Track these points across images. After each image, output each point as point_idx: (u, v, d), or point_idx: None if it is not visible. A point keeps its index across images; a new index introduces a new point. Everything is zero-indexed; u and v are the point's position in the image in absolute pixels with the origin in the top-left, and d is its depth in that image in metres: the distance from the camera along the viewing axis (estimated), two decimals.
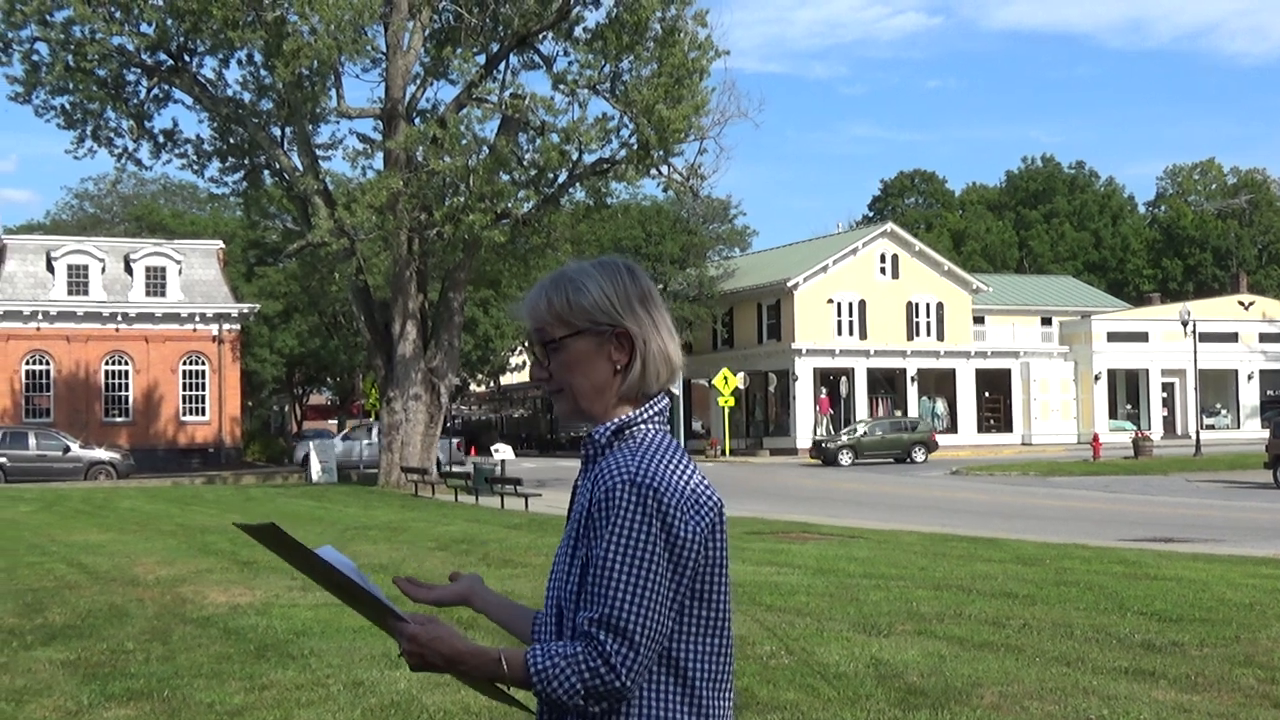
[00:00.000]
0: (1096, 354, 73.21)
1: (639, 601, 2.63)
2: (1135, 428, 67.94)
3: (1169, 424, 74.76)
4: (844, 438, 58.67)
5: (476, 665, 2.70)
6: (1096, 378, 73.12)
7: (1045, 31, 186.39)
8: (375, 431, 53.31)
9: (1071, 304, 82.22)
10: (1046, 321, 79.06)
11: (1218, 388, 76.28)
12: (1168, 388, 75.57)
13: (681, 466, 2.79)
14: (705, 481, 2.83)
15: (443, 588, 3.14)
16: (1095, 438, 57.39)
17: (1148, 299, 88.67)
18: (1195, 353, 62.85)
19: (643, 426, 2.86)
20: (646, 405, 2.89)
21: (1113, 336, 74.03)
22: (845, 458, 56.35)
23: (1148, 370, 74.73)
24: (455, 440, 57.76)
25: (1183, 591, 14.83)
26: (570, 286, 2.90)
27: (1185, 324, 61.68)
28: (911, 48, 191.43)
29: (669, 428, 2.93)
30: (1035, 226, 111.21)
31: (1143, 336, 74.36)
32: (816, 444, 59.31)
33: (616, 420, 2.87)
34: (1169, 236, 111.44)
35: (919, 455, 57.22)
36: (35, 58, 40.96)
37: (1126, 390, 76.32)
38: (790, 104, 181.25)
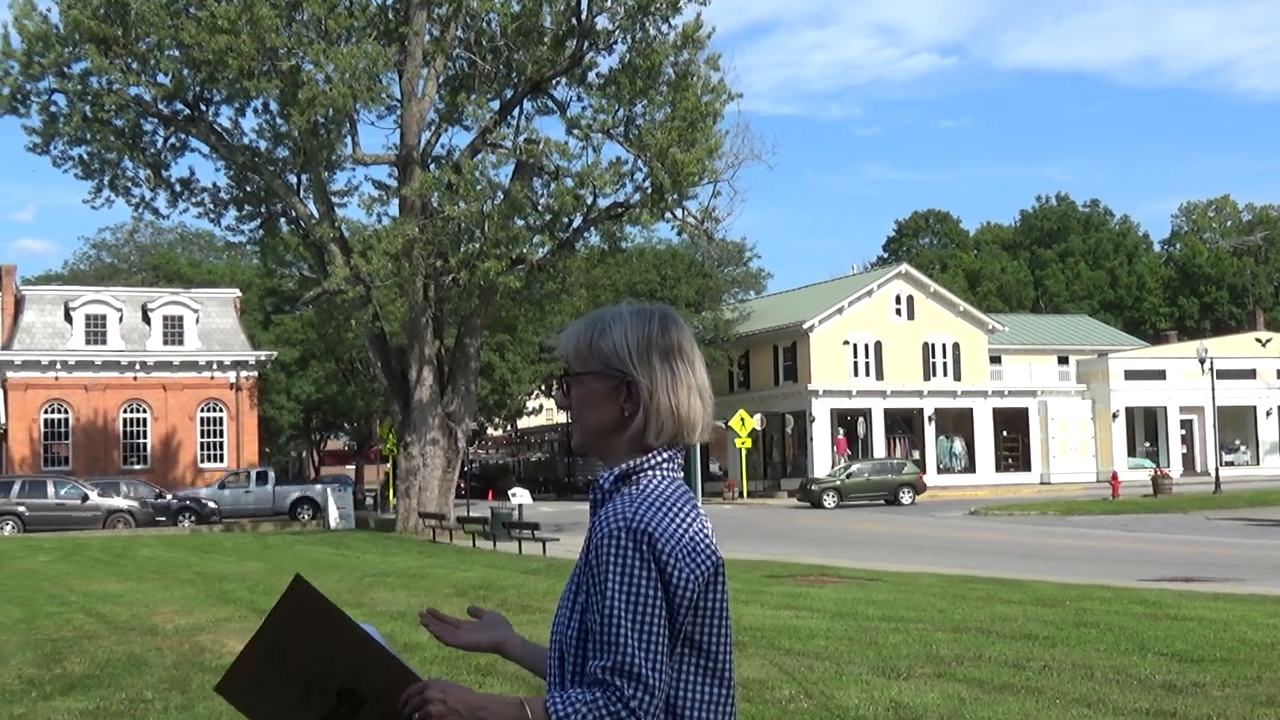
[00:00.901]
0: (1114, 392, 72.98)
1: (647, 646, 2.66)
2: (1154, 465, 67.61)
3: (1188, 461, 74.42)
4: (828, 480, 58.86)
5: (498, 712, 2.69)
6: (1114, 416, 72.87)
7: (1059, 70, 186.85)
8: (256, 478, 52.96)
9: (1088, 343, 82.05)
10: (1063, 360, 78.89)
11: (1236, 424, 75.95)
12: (1186, 425, 75.25)
13: (682, 515, 2.81)
14: (707, 532, 2.85)
15: (472, 629, 3.16)
16: (1114, 476, 57.15)
17: (1164, 337, 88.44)
18: (1213, 390, 62.64)
19: (648, 473, 2.89)
20: (656, 452, 2.92)
21: (1130, 375, 73.81)
22: (829, 500, 56.34)
23: (1166, 408, 74.45)
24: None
25: (1204, 632, 14.75)
26: (597, 328, 2.97)
27: (1203, 361, 61.50)
28: (926, 88, 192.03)
29: (680, 475, 2.95)
30: (1050, 266, 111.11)
31: (1160, 374, 74.12)
32: (802, 485, 59.49)
33: (620, 467, 2.91)
34: (1185, 274, 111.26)
35: (905, 497, 57.07)
36: (53, 109, 41.35)
37: (1145, 428, 76.03)
38: (805, 146, 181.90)
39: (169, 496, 52.18)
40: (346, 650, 2.84)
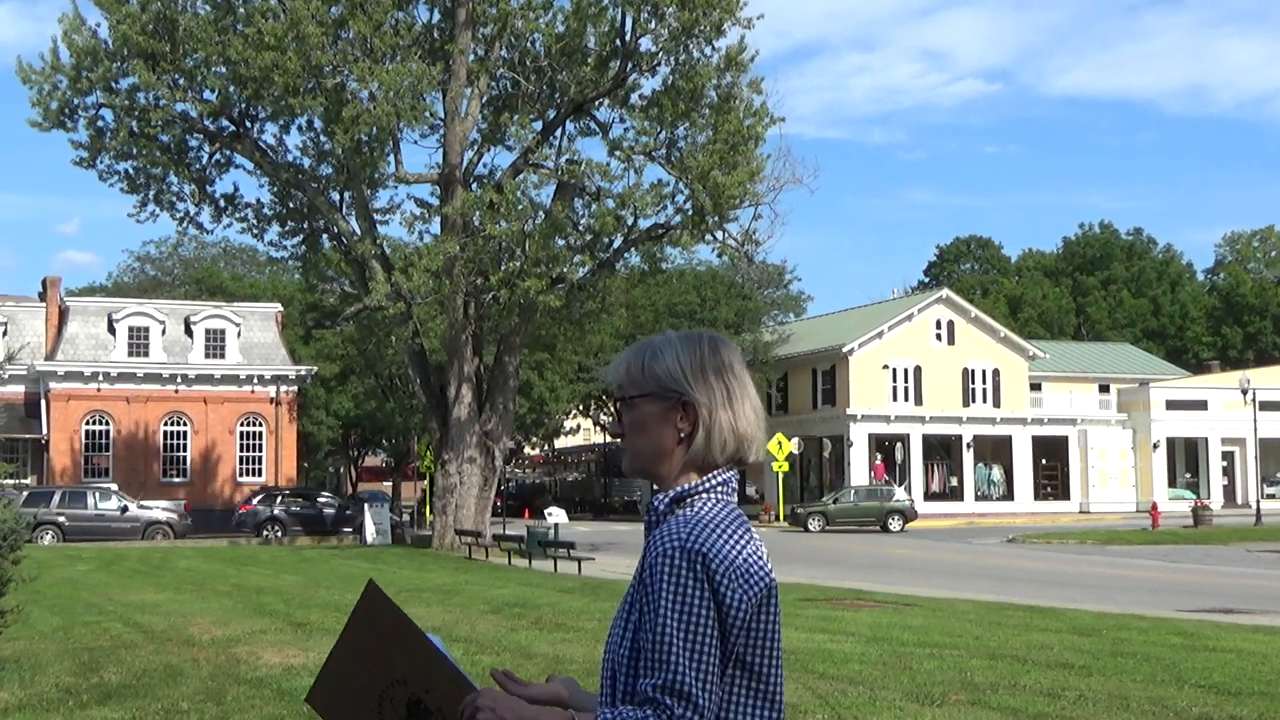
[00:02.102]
0: (1155, 422, 72.57)
1: (698, 666, 2.68)
2: (1194, 496, 67.19)
3: (1229, 493, 73.92)
4: (816, 505, 59.15)
5: None
6: (1155, 446, 72.46)
7: (1105, 98, 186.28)
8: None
9: (1130, 371, 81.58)
10: (1104, 389, 78.51)
11: (1278, 457, 75.39)
12: (1228, 456, 74.76)
13: (735, 537, 2.83)
14: (761, 555, 2.87)
15: (538, 686, 3.18)
16: (1154, 506, 56.82)
17: (1207, 367, 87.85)
18: (1255, 421, 62.23)
19: (702, 496, 2.91)
20: (710, 475, 2.94)
21: (1171, 404, 73.38)
22: (815, 524, 56.55)
23: (1207, 439, 73.98)
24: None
25: (1242, 664, 14.65)
26: (649, 353, 3.00)
27: (1245, 392, 61.10)
28: (970, 114, 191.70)
29: (734, 498, 2.98)
30: (1093, 293, 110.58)
31: (1202, 404, 73.66)
32: (793, 509, 59.75)
33: (676, 490, 2.93)
34: (1228, 304, 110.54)
35: (894, 525, 56.97)
36: (100, 124, 41.72)
37: (1186, 458, 75.55)
38: (848, 169, 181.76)
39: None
40: (416, 660, 2.87)
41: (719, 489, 2.93)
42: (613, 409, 3.09)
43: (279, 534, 50.27)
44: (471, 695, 2.74)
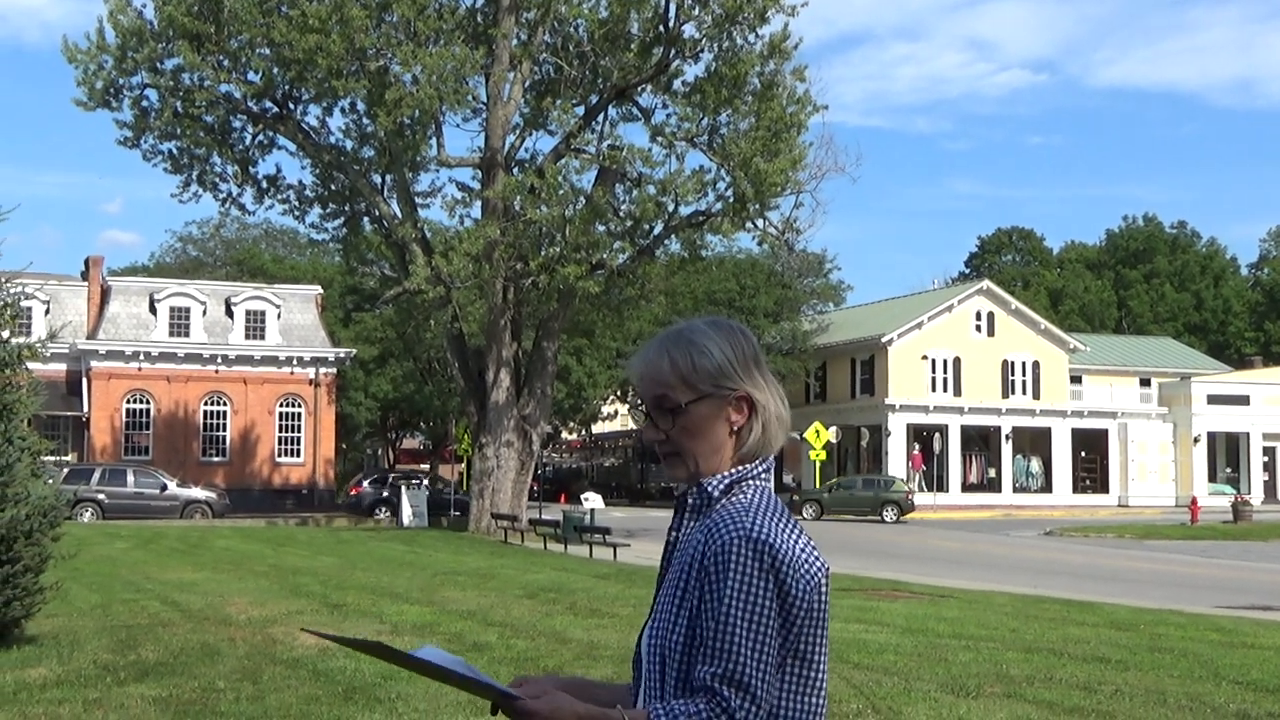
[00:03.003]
0: (1196, 416, 72.12)
1: (758, 657, 2.67)
2: (1235, 492, 66.74)
3: (1269, 489, 73.42)
4: (813, 491, 59.48)
5: None
6: (1196, 440, 72.00)
7: (1152, 90, 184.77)
8: None
9: (1171, 365, 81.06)
10: (1145, 383, 78.01)
11: None
12: (1269, 452, 74.24)
13: (791, 526, 2.81)
14: (812, 543, 2.85)
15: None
16: (1194, 501, 56.48)
17: (1249, 362, 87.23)
18: None
19: (752, 482, 2.89)
20: (757, 463, 2.92)
21: (1213, 399, 72.91)
22: (809, 511, 56.85)
23: (1248, 434, 73.49)
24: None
25: None
26: (694, 349, 2.89)
27: None
28: (1016, 104, 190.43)
29: (772, 485, 2.96)
30: (1135, 286, 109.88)
31: (1244, 399, 73.16)
32: (789, 495, 59.98)
33: (731, 474, 2.89)
34: (1272, 299, 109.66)
35: (889, 515, 56.90)
36: (144, 104, 41.95)
37: (1226, 454, 75.06)
38: (891, 158, 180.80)
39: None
40: (437, 678, 2.79)
41: (764, 476, 2.91)
42: (652, 415, 2.94)
43: (389, 516, 50.88)
44: (517, 694, 2.66)
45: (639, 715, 2.67)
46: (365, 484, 56.27)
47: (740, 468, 2.89)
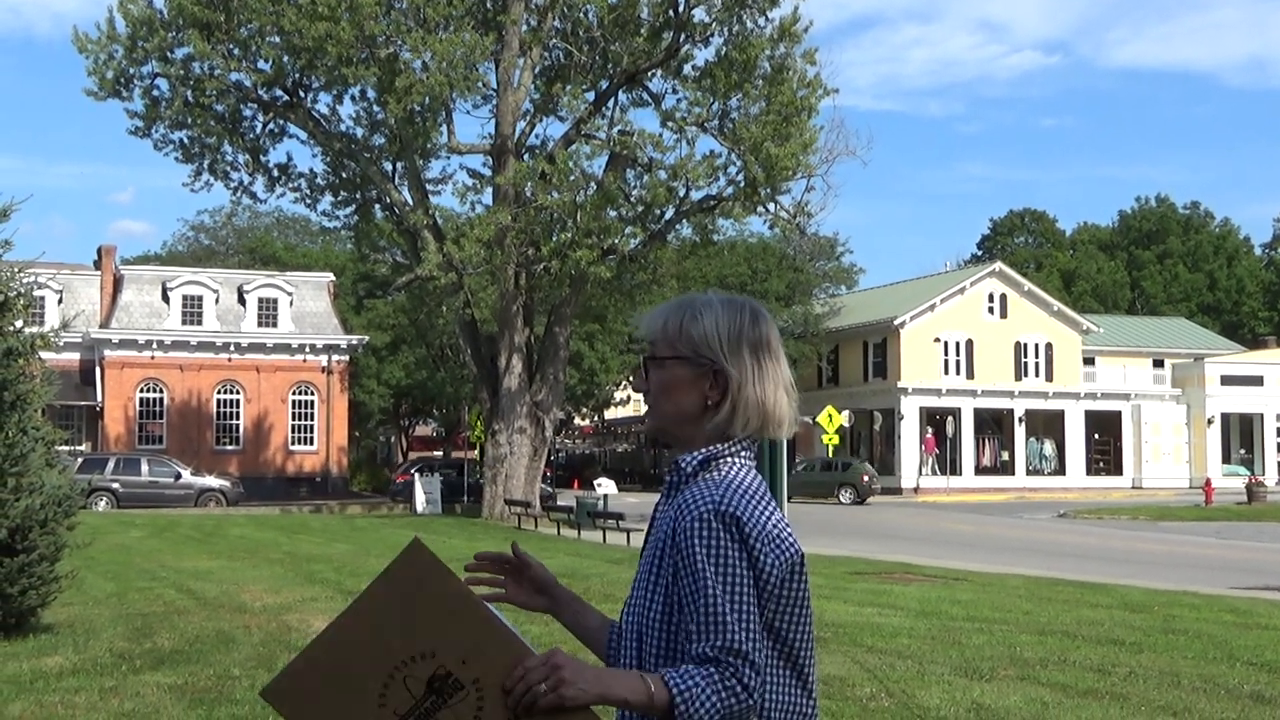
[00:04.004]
0: (1210, 397, 71.95)
1: (747, 627, 2.69)
2: (1249, 473, 66.63)
3: None
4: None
5: (627, 686, 2.64)
6: (1209, 421, 71.85)
7: (1164, 70, 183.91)
8: None
9: (1184, 346, 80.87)
10: (1158, 364, 77.82)
11: None
12: None
13: (764, 504, 2.83)
14: (787, 526, 2.87)
15: (527, 592, 3.13)
16: (1207, 482, 56.40)
17: (1263, 342, 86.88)
18: None
19: (729, 460, 2.91)
20: (736, 440, 2.93)
21: (1226, 380, 72.72)
22: None
23: (1263, 415, 73.31)
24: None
25: None
26: (689, 314, 2.96)
27: None
28: (1028, 86, 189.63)
29: (754, 464, 2.96)
30: (1148, 267, 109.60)
31: (1258, 380, 72.98)
32: None
33: (705, 451, 2.92)
34: None
35: (845, 497, 56.92)
36: (155, 93, 41.97)
37: (1240, 435, 74.88)
38: (903, 142, 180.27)
39: None
40: (459, 626, 2.68)
41: (744, 454, 2.93)
42: (641, 364, 3.04)
43: (406, 504, 51.04)
44: (536, 660, 2.61)
45: (657, 678, 2.65)
46: (412, 471, 56.05)
47: (714, 445, 2.91)
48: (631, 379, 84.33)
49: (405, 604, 2.70)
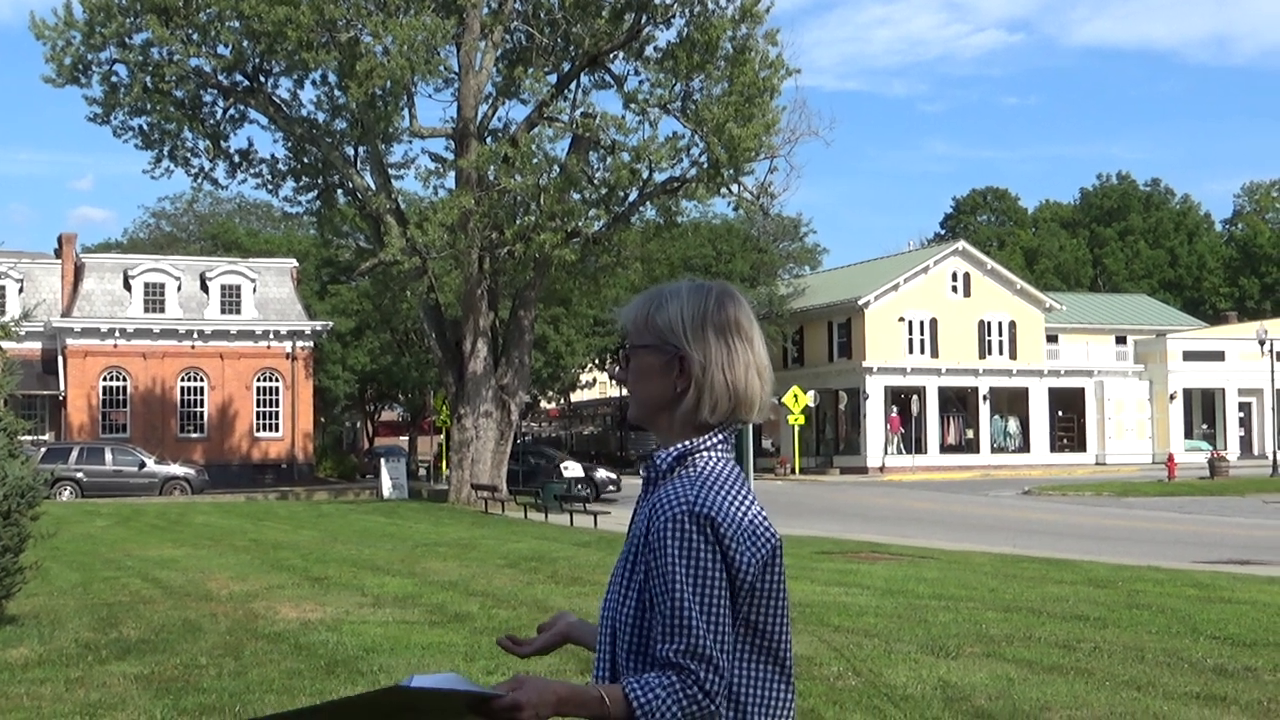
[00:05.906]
0: (1172, 373, 72.41)
1: (715, 629, 2.71)
2: (1211, 448, 67.09)
3: (1245, 444, 73.80)
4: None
5: (581, 703, 2.68)
6: (1172, 397, 72.33)
7: (1127, 48, 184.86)
8: None
9: (1146, 323, 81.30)
10: (1121, 340, 78.23)
11: None
12: (1244, 407, 74.60)
13: (741, 497, 2.83)
14: (764, 514, 2.88)
15: (541, 638, 3.20)
16: (1170, 458, 56.76)
17: (1224, 317, 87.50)
18: (1273, 372, 62.01)
19: (705, 454, 2.91)
20: (711, 433, 2.94)
21: (1189, 355, 73.19)
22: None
23: (1224, 390, 73.82)
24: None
25: (1257, 615, 14.67)
26: (654, 303, 3.01)
27: (1262, 343, 60.93)
28: (992, 65, 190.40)
29: (732, 455, 2.97)
30: (1110, 244, 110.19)
31: (1219, 355, 73.46)
32: (639, 455, 60.27)
33: (679, 447, 2.94)
34: (1246, 254, 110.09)
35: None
36: (114, 79, 41.65)
37: (1202, 410, 75.39)
38: (867, 121, 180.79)
39: None
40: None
41: (719, 446, 2.93)
42: (619, 356, 3.10)
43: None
44: (499, 692, 2.61)
45: (614, 690, 2.69)
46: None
47: (689, 440, 2.92)
48: (605, 366, 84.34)
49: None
